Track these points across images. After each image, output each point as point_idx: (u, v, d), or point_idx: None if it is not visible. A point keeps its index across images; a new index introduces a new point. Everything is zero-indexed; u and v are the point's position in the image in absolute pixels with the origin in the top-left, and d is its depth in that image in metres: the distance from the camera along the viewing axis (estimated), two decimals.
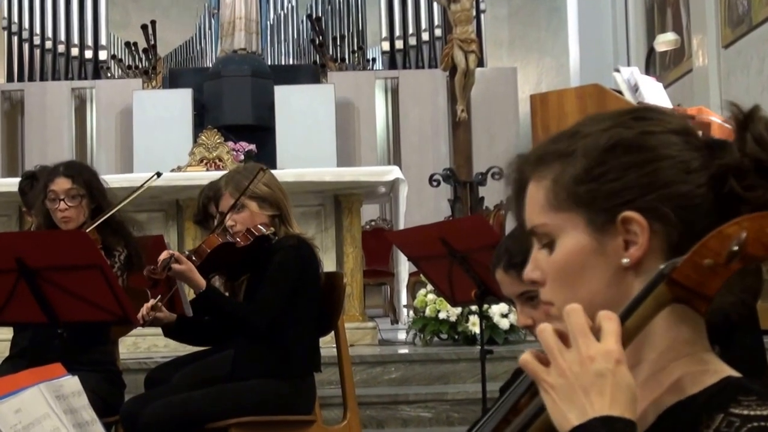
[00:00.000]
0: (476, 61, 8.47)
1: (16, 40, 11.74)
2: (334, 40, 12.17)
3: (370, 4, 12.20)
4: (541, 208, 1.06)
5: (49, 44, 11.78)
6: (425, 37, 11.70)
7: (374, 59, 12.24)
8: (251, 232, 3.16)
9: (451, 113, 9.40)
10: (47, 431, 1.45)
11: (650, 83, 4.87)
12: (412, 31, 11.73)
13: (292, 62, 12.36)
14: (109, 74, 11.92)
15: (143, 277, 3.07)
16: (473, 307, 4.90)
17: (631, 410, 0.90)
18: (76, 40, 11.76)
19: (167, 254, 3.00)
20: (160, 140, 9.95)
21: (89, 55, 11.84)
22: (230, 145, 8.35)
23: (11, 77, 11.78)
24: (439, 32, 11.40)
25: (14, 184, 4.78)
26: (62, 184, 3.33)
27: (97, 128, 11.38)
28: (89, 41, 11.87)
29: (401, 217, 6.33)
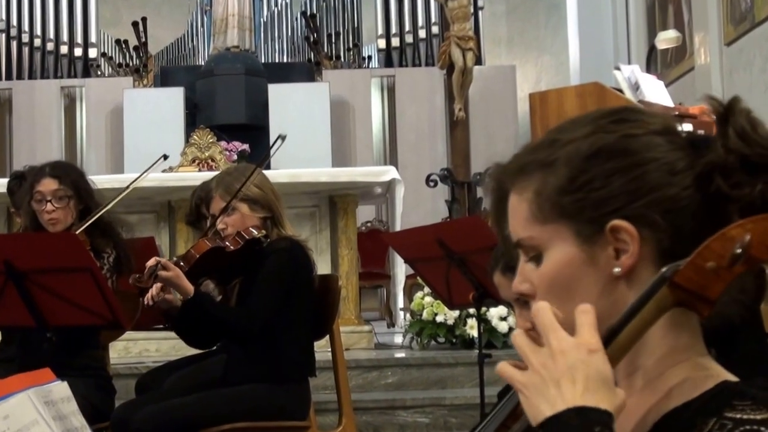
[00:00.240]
0: (474, 58, 8.41)
1: (3, 37, 11.56)
2: (329, 37, 12.09)
3: (365, 0, 12.14)
4: (525, 221, 1.04)
5: (37, 42, 11.61)
6: (422, 34, 11.60)
7: (370, 57, 12.15)
8: (242, 235, 3.14)
9: (448, 112, 9.34)
10: None
11: (651, 81, 4.83)
12: (408, 28, 11.63)
13: (286, 60, 12.26)
14: (99, 72, 11.80)
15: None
16: (471, 310, 4.88)
17: (607, 400, 0.88)
18: (65, 37, 11.62)
19: (154, 261, 2.97)
20: (151, 140, 9.83)
21: (79, 53, 11.69)
22: (223, 144, 8.29)
23: None
24: (436, 29, 11.31)
25: (2, 184, 4.75)
26: (49, 184, 3.28)
27: (87, 127, 11.26)
28: (79, 39, 11.72)
29: (398, 218, 6.30)
